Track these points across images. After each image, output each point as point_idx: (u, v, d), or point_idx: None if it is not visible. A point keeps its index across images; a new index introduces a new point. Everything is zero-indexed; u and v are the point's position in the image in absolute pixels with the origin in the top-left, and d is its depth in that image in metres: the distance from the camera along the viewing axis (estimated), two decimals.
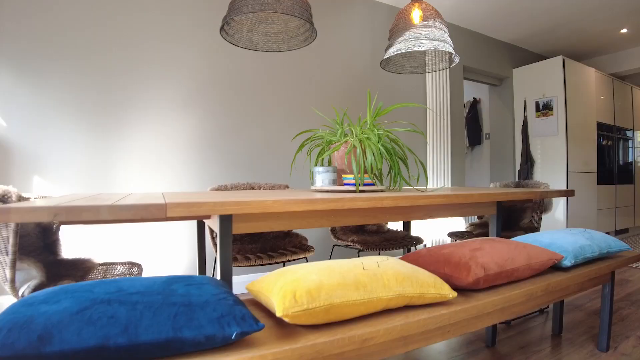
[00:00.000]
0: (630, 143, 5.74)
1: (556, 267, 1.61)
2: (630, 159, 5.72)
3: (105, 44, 2.51)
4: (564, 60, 4.43)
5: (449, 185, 4.05)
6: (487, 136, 5.28)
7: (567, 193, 2.19)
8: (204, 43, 2.85)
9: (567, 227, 4.38)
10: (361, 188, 1.60)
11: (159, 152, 2.66)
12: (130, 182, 2.58)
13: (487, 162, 5.27)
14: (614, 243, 1.82)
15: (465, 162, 5.69)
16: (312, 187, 1.73)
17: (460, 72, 4.33)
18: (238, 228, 1.22)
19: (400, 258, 1.45)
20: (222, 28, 1.65)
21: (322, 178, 1.67)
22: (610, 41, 5.04)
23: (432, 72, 2.47)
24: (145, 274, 2.55)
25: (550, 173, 4.49)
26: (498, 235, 1.93)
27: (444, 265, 1.30)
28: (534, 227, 2.57)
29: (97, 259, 1.71)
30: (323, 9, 3.38)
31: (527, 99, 4.72)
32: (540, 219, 2.54)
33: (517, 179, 4.77)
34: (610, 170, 5.20)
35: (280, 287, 0.98)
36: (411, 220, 2.17)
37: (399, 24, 2.11)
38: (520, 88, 4.82)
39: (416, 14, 2.10)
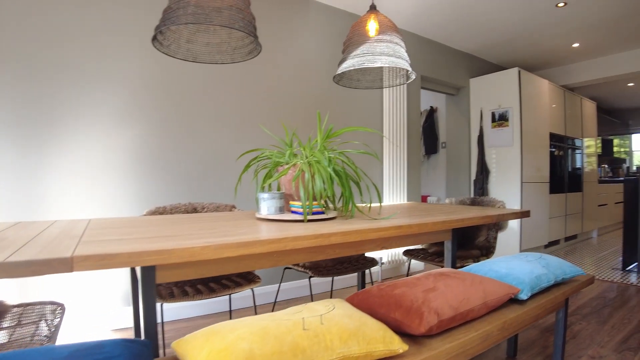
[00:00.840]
0: (578, 152, 5.94)
1: (512, 300, 1.54)
2: (579, 167, 5.91)
3: (29, 47, 2.25)
4: (519, 72, 4.49)
5: (405, 200, 4.00)
6: (444, 145, 5.30)
7: (523, 214, 2.15)
8: (142, 51, 2.61)
9: (520, 236, 4.45)
10: (310, 217, 1.47)
11: (91, 171, 2.40)
12: (59, 205, 2.32)
13: (443, 171, 5.29)
14: (569, 269, 1.78)
15: (422, 171, 5.70)
16: (257, 215, 1.59)
17: (418, 82, 4.30)
18: (163, 277, 1.06)
19: (349, 298, 1.33)
20: (154, 38, 1.47)
21: (267, 206, 1.53)
22: (563, 54, 5.18)
23: (389, 87, 2.38)
24: (67, 317, 2.30)
25: (505, 183, 4.55)
26: (453, 262, 1.85)
27: (395, 309, 1.19)
28: (490, 246, 2.53)
29: (11, 299, 1.49)
30: (274, 15, 3.21)
31: (484, 109, 4.76)
32: (495, 238, 2.50)
33: (472, 189, 4.81)
34: (561, 179, 5.35)
35: (206, 358, 0.83)
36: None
37: (354, 37, 2.00)
38: (477, 98, 4.86)
39: (372, 26, 2.00)
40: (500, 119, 4.57)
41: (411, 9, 3.75)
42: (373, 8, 2.06)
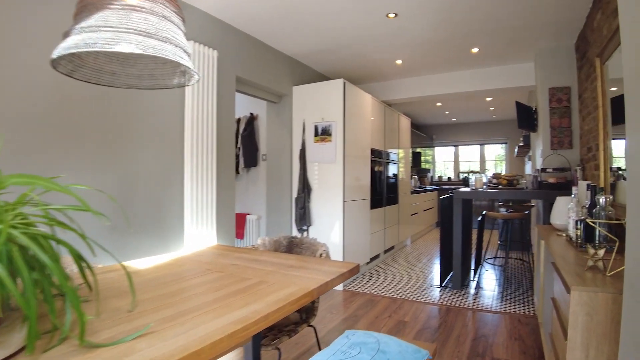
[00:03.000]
0: (395, 166, 6.13)
1: None
2: (395, 181, 6.11)
3: None
4: (344, 84, 4.24)
5: (214, 224, 3.32)
6: (264, 157, 4.80)
7: (352, 273, 1.68)
8: None
9: (343, 257, 4.20)
10: None
11: None
12: None
13: (263, 186, 4.78)
14: (412, 356, 1.33)
15: (241, 186, 5.11)
16: None
17: (231, 83, 3.66)
18: None
19: None
20: None
21: None
22: (387, 70, 5.20)
23: (162, 88, 1.65)
24: None
25: (328, 202, 4.25)
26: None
27: None
28: (312, 307, 2.01)
29: None
30: None
31: (306, 121, 4.39)
32: (318, 298, 2.00)
33: (294, 208, 4.40)
34: (381, 193, 5.38)
35: None
36: None
37: None
38: (300, 108, 4.48)
39: None
40: (323, 133, 4.25)
41: None
42: None
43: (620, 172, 2.82)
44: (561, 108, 4.06)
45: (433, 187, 9.00)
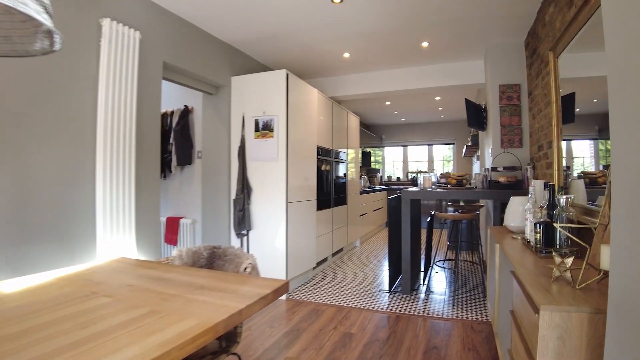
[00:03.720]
0: (344, 165, 5.88)
1: None
2: (344, 181, 5.86)
3: None
4: (287, 76, 3.90)
5: (133, 230, 2.88)
6: (200, 155, 4.37)
7: (277, 294, 1.35)
8: None
9: (287, 264, 3.86)
10: None
11: None
12: None
13: (199, 187, 4.35)
14: None
15: (174, 186, 4.65)
16: None
17: (158, 70, 3.23)
18: None
19: None
20: None
21: None
22: (333, 64, 4.92)
23: (22, 56, 1.23)
24: None
25: (269, 204, 3.90)
26: None
27: None
28: (235, 333, 1.66)
29: None
30: None
31: (246, 115, 4.02)
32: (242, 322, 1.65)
33: (232, 211, 4.01)
34: (328, 194, 5.10)
35: None
36: None
37: None
38: (239, 101, 4.09)
39: None
40: (264, 128, 3.89)
41: None
42: None
43: (568, 171, 2.69)
44: (511, 106, 3.96)
45: (382, 187, 8.88)
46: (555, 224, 1.53)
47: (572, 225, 1.40)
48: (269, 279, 1.51)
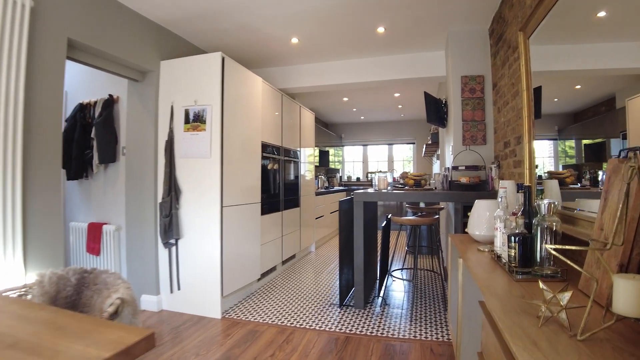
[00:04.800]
0: (296, 164, 5.40)
1: None
2: (296, 181, 5.37)
3: None
4: (224, 60, 3.37)
5: (19, 245, 2.27)
6: (125, 151, 3.76)
7: (127, 356, 0.83)
8: None
9: (222, 278, 3.33)
10: None
11: None
12: None
13: (124, 187, 3.74)
14: None
15: (97, 188, 4.01)
16: None
17: (60, 49, 2.63)
18: None
19: None
20: None
21: None
22: (281, 50, 4.41)
23: None
24: None
25: (202, 208, 3.35)
26: None
27: None
28: None
29: None
30: None
31: (176, 105, 3.46)
32: None
33: (158, 216, 3.44)
34: (277, 196, 4.59)
35: None
36: None
37: None
38: (169, 88, 3.52)
39: None
40: (195, 120, 3.35)
41: None
42: None
43: (536, 170, 2.33)
44: (474, 99, 3.60)
45: (342, 188, 8.45)
46: (549, 247, 1.10)
47: (573, 247, 0.97)
48: (129, 327, 1.00)
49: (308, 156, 6.00)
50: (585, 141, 1.89)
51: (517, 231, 1.52)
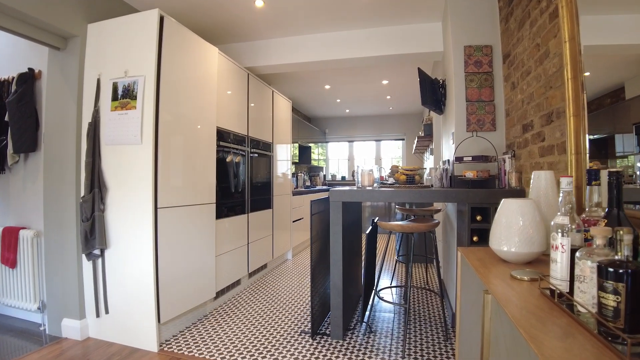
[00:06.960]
0: (268, 160, 4.64)
1: None
2: (267, 178, 4.61)
3: None
4: (162, 20, 2.61)
5: None
6: (44, 138, 2.97)
7: None
8: None
9: (157, 303, 2.56)
10: None
11: None
12: None
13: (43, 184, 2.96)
14: None
15: (15, 183, 3.22)
16: None
17: None
18: None
19: None
20: None
21: None
22: (245, 17, 3.65)
23: None
24: None
25: (133, 209, 2.58)
26: None
27: None
28: None
29: None
30: None
31: (103, 78, 2.68)
32: None
33: (81, 220, 2.66)
34: (241, 195, 3.82)
35: None
36: None
37: None
38: (96, 58, 2.75)
39: None
40: (124, 96, 2.57)
41: None
42: None
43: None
44: (481, 74, 2.89)
45: (325, 188, 7.69)
46: None
47: None
48: None
49: (284, 150, 5.24)
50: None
51: (617, 258, 0.78)
